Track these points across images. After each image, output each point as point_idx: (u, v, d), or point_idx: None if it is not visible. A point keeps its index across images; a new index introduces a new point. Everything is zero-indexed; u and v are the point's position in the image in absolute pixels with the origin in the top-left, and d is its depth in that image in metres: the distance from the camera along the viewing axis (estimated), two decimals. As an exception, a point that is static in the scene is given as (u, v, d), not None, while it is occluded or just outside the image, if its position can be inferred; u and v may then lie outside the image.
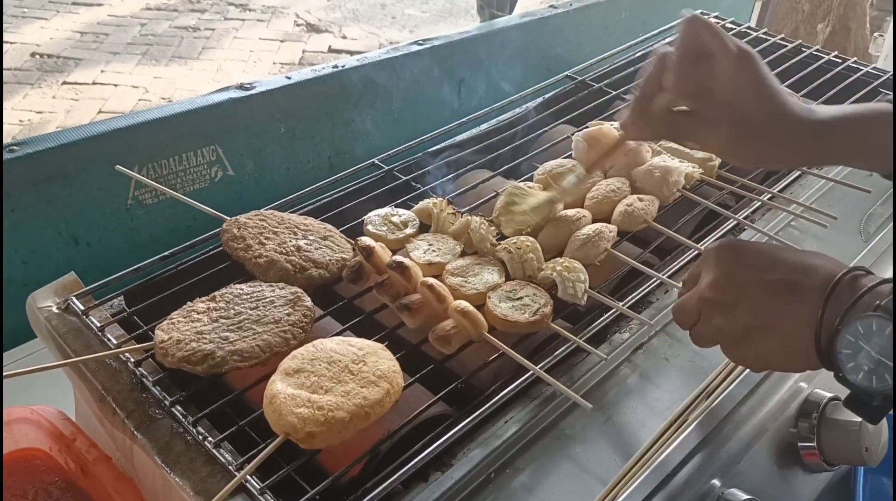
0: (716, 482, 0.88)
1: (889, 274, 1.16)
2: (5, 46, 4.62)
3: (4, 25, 4.80)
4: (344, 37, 5.10)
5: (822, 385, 1.02)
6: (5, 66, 4.40)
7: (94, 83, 4.34)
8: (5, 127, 3.82)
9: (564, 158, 1.29)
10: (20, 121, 3.94)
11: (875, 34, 3.46)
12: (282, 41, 4.98)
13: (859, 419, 0.96)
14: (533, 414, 0.88)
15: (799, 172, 1.26)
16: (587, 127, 1.27)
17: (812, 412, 0.99)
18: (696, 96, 0.82)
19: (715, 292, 0.77)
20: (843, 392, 1.03)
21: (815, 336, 0.70)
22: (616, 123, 1.15)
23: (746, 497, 0.87)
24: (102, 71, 4.47)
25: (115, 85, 4.33)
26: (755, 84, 0.80)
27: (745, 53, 0.79)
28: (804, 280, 0.73)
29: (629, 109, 0.87)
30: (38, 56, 4.60)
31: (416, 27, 5.32)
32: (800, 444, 0.99)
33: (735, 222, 1.16)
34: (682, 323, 0.84)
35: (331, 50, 4.90)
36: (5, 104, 4.01)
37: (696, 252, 1.09)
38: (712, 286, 0.78)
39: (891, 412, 1.09)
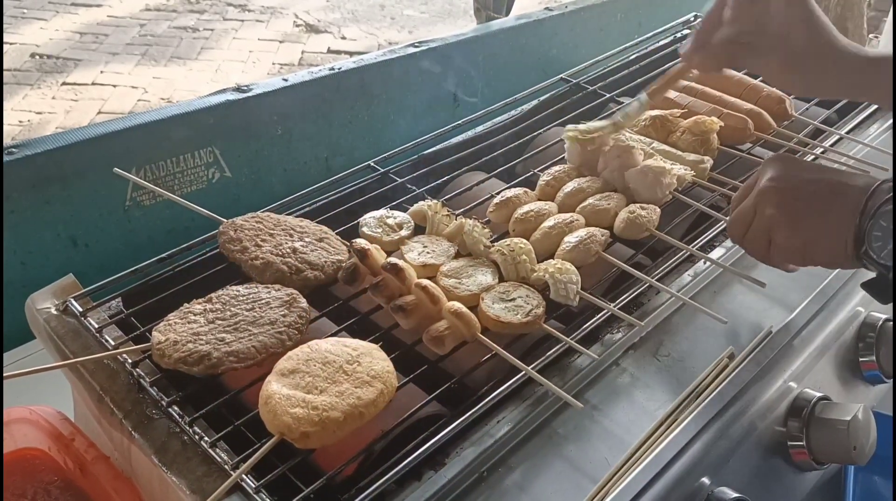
0: (705, 480, 0.89)
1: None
2: (5, 47, 4.63)
3: (4, 26, 4.81)
4: (343, 37, 5.11)
5: (812, 385, 1.04)
6: (5, 66, 4.41)
7: (93, 84, 4.35)
8: (5, 127, 3.83)
9: (558, 159, 1.30)
10: (20, 121, 3.95)
11: (871, 35, 3.47)
12: (281, 42, 4.99)
13: (848, 418, 0.97)
14: (525, 414, 0.89)
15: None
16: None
17: (801, 411, 1.00)
18: (751, 30, 0.95)
19: (775, 182, 0.91)
20: (832, 392, 1.05)
21: (855, 236, 0.83)
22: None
23: (736, 495, 0.88)
24: (102, 71, 4.48)
25: (115, 85, 4.34)
26: (805, 20, 0.93)
27: None
28: (849, 181, 0.87)
29: (691, 40, 1.02)
30: (37, 57, 4.61)
31: (414, 28, 5.33)
32: (789, 443, 1.00)
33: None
34: (736, 227, 0.96)
35: (330, 51, 4.91)
36: (5, 105, 4.02)
37: (688, 253, 1.11)
38: (771, 180, 0.91)
39: (890, 414, 1.11)
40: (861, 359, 1.14)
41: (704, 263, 1.12)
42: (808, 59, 0.94)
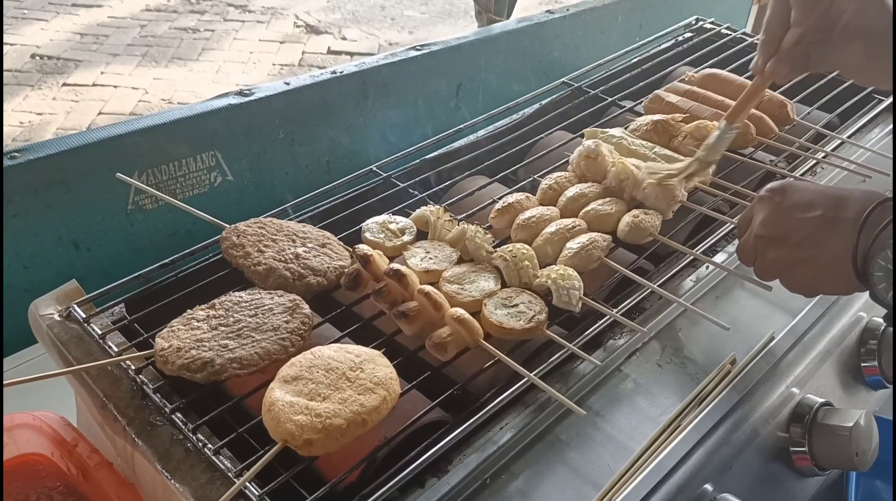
0: (708, 487, 0.89)
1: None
2: (5, 48, 4.63)
3: (4, 27, 4.81)
4: (343, 38, 5.10)
5: (814, 391, 1.04)
6: (5, 67, 4.41)
7: (94, 85, 4.35)
8: (5, 128, 3.83)
9: (559, 164, 1.30)
10: (20, 122, 3.95)
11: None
12: (281, 42, 4.99)
13: (850, 424, 0.97)
14: (528, 420, 0.89)
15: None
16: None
17: (803, 417, 1.00)
18: (822, 26, 0.92)
19: (765, 230, 0.90)
20: (834, 397, 1.05)
21: (853, 262, 0.81)
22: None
23: (738, 501, 0.88)
24: (102, 72, 4.48)
25: (115, 86, 4.34)
26: (876, 4, 0.88)
27: None
28: (840, 215, 0.84)
29: (760, 54, 0.99)
30: (38, 58, 4.61)
31: (415, 28, 5.33)
32: (791, 449, 1.00)
33: (732, 225, 1.17)
34: (745, 261, 0.98)
35: (330, 51, 4.91)
36: (5, 106, 4.02)
37: (692, 257, 1.11)
38: (763, 226, 0.91)
39: (891, 419, 1.11)
40: (863, 364, 1.14)
41: (707, 267, 1.12)
42: (884, 46, 0.89)
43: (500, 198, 1.19)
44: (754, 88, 1.09)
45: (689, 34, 1.80)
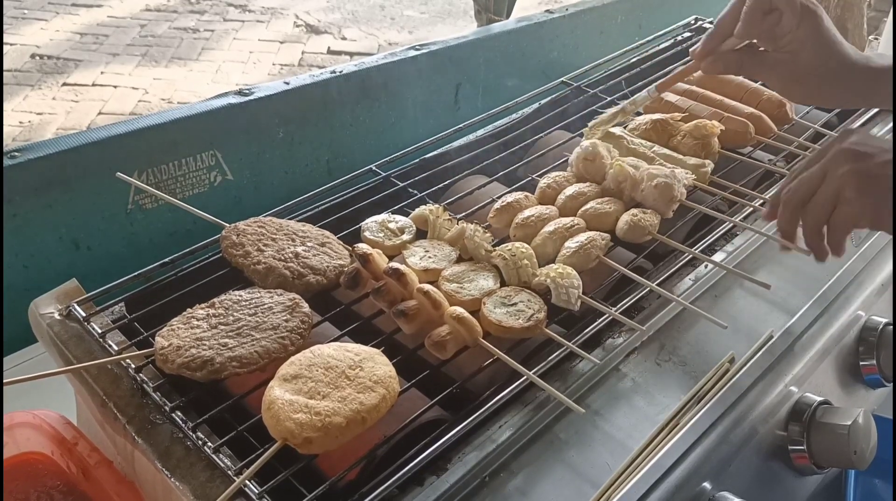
0: (707, 485, 0.89)
1: (881, 275, 1.19)
2: (5, 48, 4.64)
3: (4, 27, 4.81)
4: (343, 38, 5.11)
5: (813, 390, 1.04)
6: (5, 67, 4.41)
7: (93, 84, 4.35)
8: (5, 128, 3.83)
9: (559, 164, 1.31)
10: (20, 122, 3.96)
11: (870, 36, 3.47)
12: (281, 42, 4.99)
13: (848, 422, 0.97)
14: (527, 419, 0.90)
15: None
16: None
17: (802, 415, 1.00)
18: (763, 41, 0.99)
19: (852, 146, 0.87)
20: (833, 396, 1.05)
21: None
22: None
23: (737, 500, 0.88)
24: (102, 72, 4.48)
25: (115, 86, 4.34)
26: (816, 39, 0.96)
27: (809, 11, 0.95)
28: None
29: (702, 43, 1.05)
30: (38, 57, 4.61)
31: (414, 28, 5.33)
32: (790, 447, 1.01)
33: (731, 224, 1.17)
34: (800, 193, 0.89)
35: (330, 51, 4.92)
36: (5, 105, 4.02)
37: (688, 258, 1.11)
38: (851, 143, 0.87)
39: (891, 418, 1.11)
40: (862, 363, 1.14)
41: (706, 267, 1.12)
42: (814, 75, 0.97)
43: (499, 197, 1.19)
44: (686, 69, 1.16)
45: (688, 34, 1.80)
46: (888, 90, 0.98)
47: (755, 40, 1.01)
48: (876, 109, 1.47)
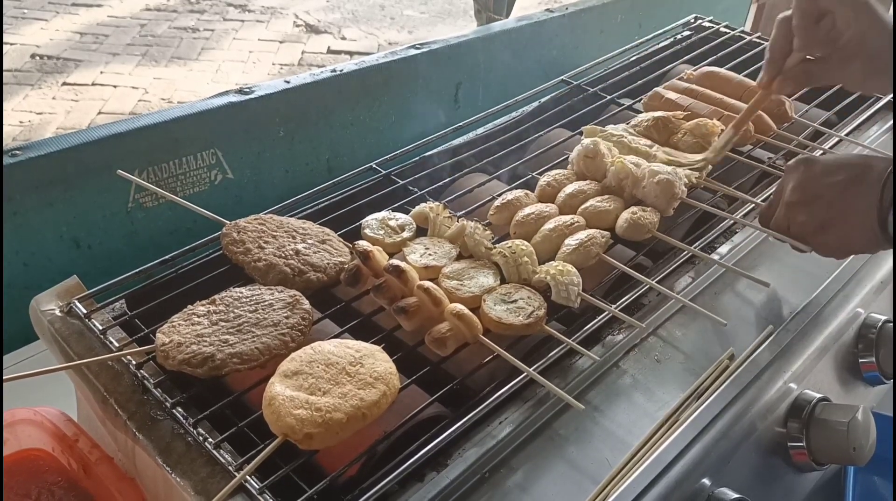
0: (706, 481, 0.89)
1: (880, 272, 1.19)
2: (5, 48, 4.64)
3: (4, 27, 4.81)
4: (343, 38, 5.11)
5: (812, 386, 1.04)
6: (5, 67, 4.41)
7: (93, 84, 4.35)
8: (6, 128, 3.83)
9: (558, 162, 1.31)
10: (20, 122, 3.96)
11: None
12: (281, 42, 4.99)
13: (847, 419, 0.97)
14: (527, 415, 0.90)
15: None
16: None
17: (801, 412, 1.00)
18: (824, 47, 0.99)
19: (795, 196, 0.97)
20: (832, 393, 1.06)
21: (879, 220, 0.88)
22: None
23: (736, 496, 0.88)
24: (102, 72, 4.48)
25: (115, 86, 4.35)
26: (874, 25, 0.96)
27: (858, 2, 0.96)
28: (864, 176, 0.91)
29: (765, 72, 1.07)
30: (38, 57, 4.61)
31: (414, 28, 5.34)
32: (789, 444, 1.01)
33: (732, 221, 1.18)
34: (778, 230, 1.04)
35: (330, 51, 4.92)
36: (5, 105, 4.02)
37: (687, 255, 1.11)
38: (793, 191, 0.98)
39: (890, 415, 1.12)
40: (861, 360, 1.14)
41: (705, 264, 1.12)
42: (887, 58, 0.96)
43: (499, 195, 1.20)
44: (758, 102, 1.18)
45: (687, 32, 1.80)
46: None
47: (817, 51, 1.02)
48: (876, 108, 1.48)
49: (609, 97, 1.53)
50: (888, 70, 0.97)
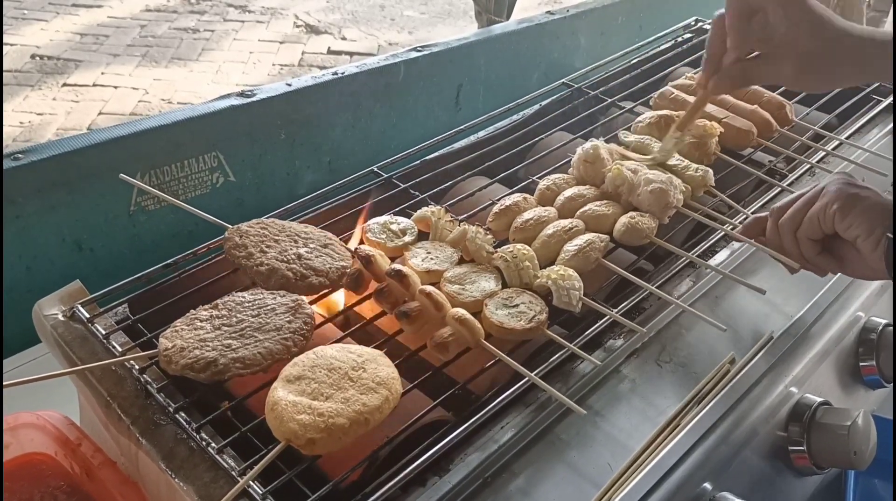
0: (707, 485, 0.90)
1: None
2: (5, 48, 4.64)
3: (4, 27, 4.81)
4: (343, 38, 5.11)
5: (812, 390, 1.04)
6: (5, 68, 4.41)
7: (94, 85, 4.35)
8: (6, 129, 3.83)
9: (559, 165, 1.31)
10: (20, 123, 3.96)
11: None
12: (281, 43, 4.99)
13: (848, 423, 0.98)
14: (528, 420, 0.90)
15: (779, 189, 1.27)
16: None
17: (802, 416, 1.01)
18: (759, 45, 0.97)
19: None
20: (833, 396, 1.06)
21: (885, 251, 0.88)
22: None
23: (737, 500, 0.88)
24: (102, 73, 4.48)
25: (115, 87, 4.34)
26: (808, 20, 0.93)
27: None
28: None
29: (703, 70, 1.05)
30: (38, 58, 4.61)
31: (415, 29, 5.34)
32: (790, 448, 1.01)
33: (731, 226, 1.18)
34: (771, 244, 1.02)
35: (330, 51, 4.92)
36: (6, 106, 4.02)
37: (688, 260, 1.11)
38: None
39: (891, 418, 1.12)
40: (861, 364, 1.15)
41: (706, 268, 1.13)
42: (819, 57, 0.94)
43: (498, 199, 1.20)
44: (699, 102, 1.15)
45: (688, 35, 1.81)
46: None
47: (753, 49, 1.00)
48: (876, 111, 1.48)
49: (610, 100, 1.53)
50: (822, 68, 0.95)
